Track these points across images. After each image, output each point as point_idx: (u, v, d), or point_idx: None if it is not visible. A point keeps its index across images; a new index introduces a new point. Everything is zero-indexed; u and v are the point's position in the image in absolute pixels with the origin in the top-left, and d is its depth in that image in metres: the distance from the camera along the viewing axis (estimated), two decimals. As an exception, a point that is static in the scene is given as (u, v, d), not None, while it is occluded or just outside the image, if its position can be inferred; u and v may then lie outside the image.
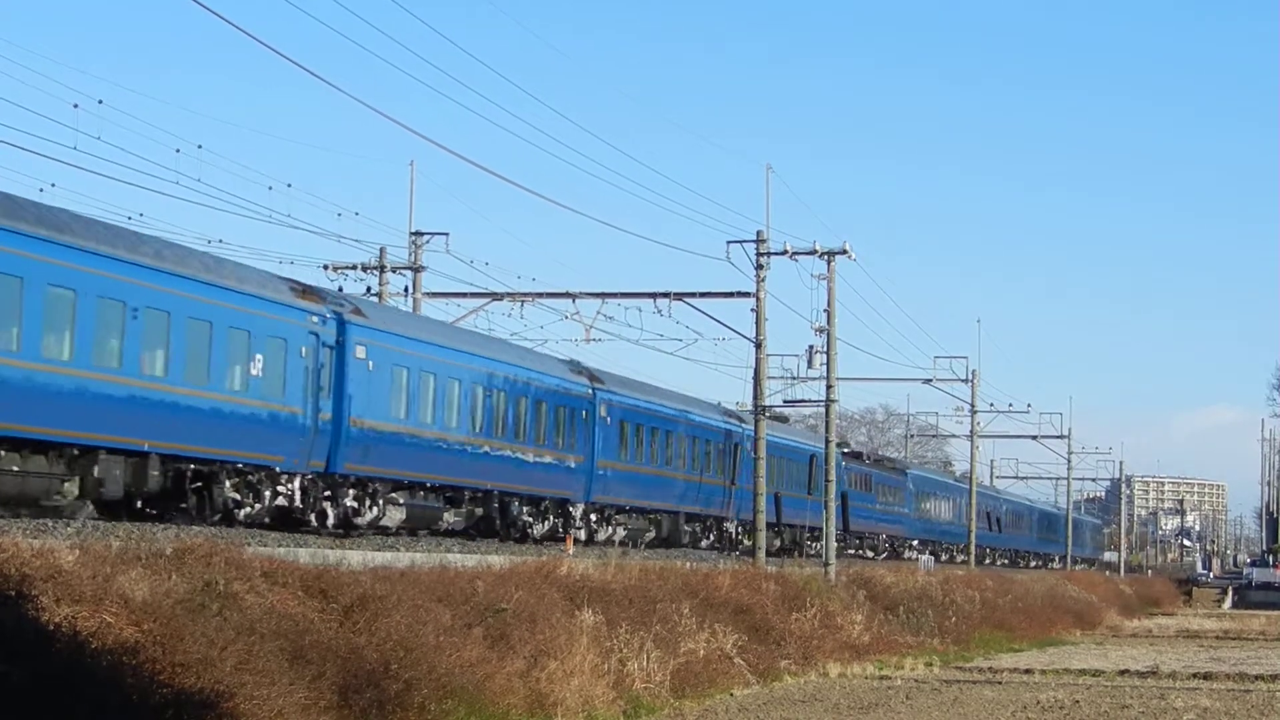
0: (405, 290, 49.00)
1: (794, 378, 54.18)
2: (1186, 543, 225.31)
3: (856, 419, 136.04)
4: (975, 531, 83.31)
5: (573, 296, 49.16)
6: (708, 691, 29.06)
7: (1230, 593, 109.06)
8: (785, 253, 47.55)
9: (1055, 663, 42.80)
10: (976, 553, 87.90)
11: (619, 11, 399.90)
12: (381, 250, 48.92)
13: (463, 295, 49.50)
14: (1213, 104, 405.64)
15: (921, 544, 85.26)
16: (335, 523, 32.42)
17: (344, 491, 32.86)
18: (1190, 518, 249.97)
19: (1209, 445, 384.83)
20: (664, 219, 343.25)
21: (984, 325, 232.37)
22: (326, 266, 48.10)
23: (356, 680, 19.13)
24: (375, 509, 33.81)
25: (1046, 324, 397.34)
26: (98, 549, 18.95)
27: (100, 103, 33.09)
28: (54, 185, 36.15)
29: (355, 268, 48.56)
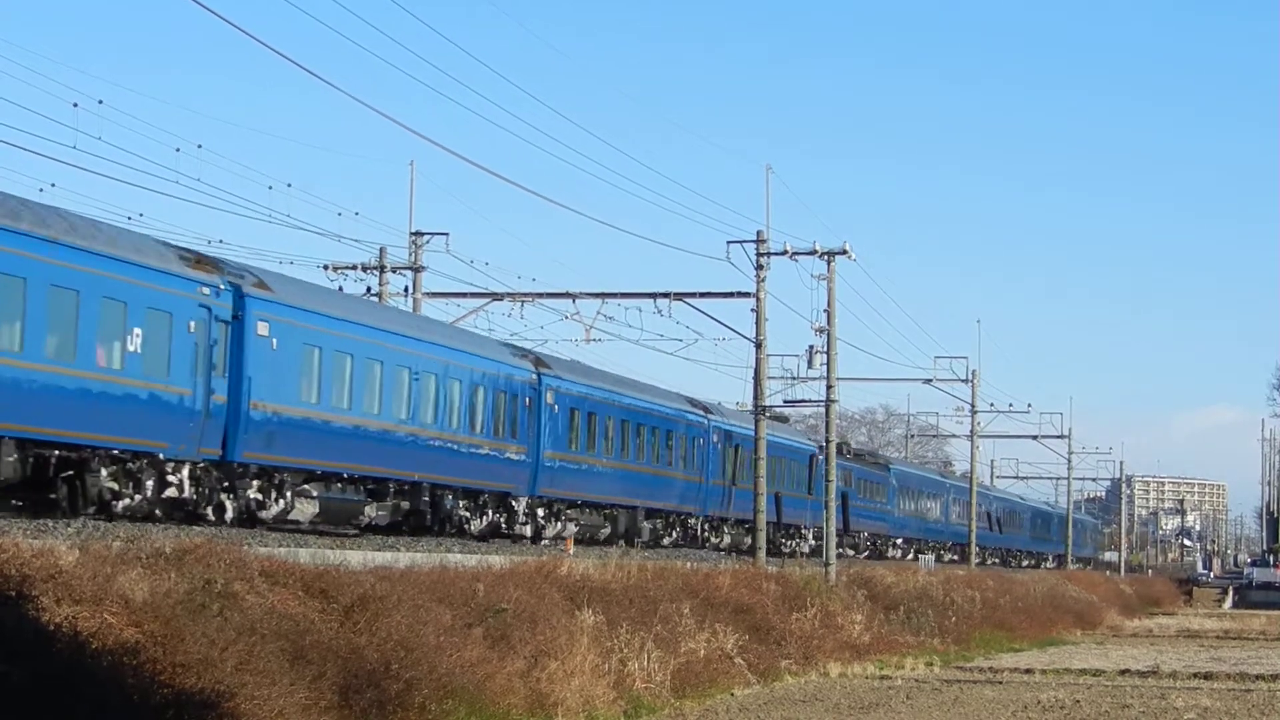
0: (405, 290, 49.02)
1: (794, 378, 54.28)
2: (1187, 543, 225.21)
3: (857, 419, 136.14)
4: (975, 531, 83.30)
5: (573, 296, 49.15)
6: (708, 691, 29.06)
7: (1231, 592, 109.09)
8: (785, 253, 47.56)
9: (1056, 662, 42.80)
10: (961, 551, 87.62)
11: (619, 12, 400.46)
12: (381, 250, 48.92)
13: (463, 295, 49.53)
14: (1213, 104, 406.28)
15: (906, 542, 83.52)
16: (235, 517, 29.55)
17: (246, 482, 30.04)
18: (1190, 518, 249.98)
19: (1209, 445, 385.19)
20: (664, 219, 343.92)
21: (984, 325, 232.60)
22: (326, 266, 48.09)
23: (357, 680, 19.14)
24: (282, 502, 30.96)
25: (1046, 324, 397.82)
26: (98, 549, 18.96)
27: (100, 103, 33.04)
28: (54, 185, 36.09)
29: (355, 268, 48.53)
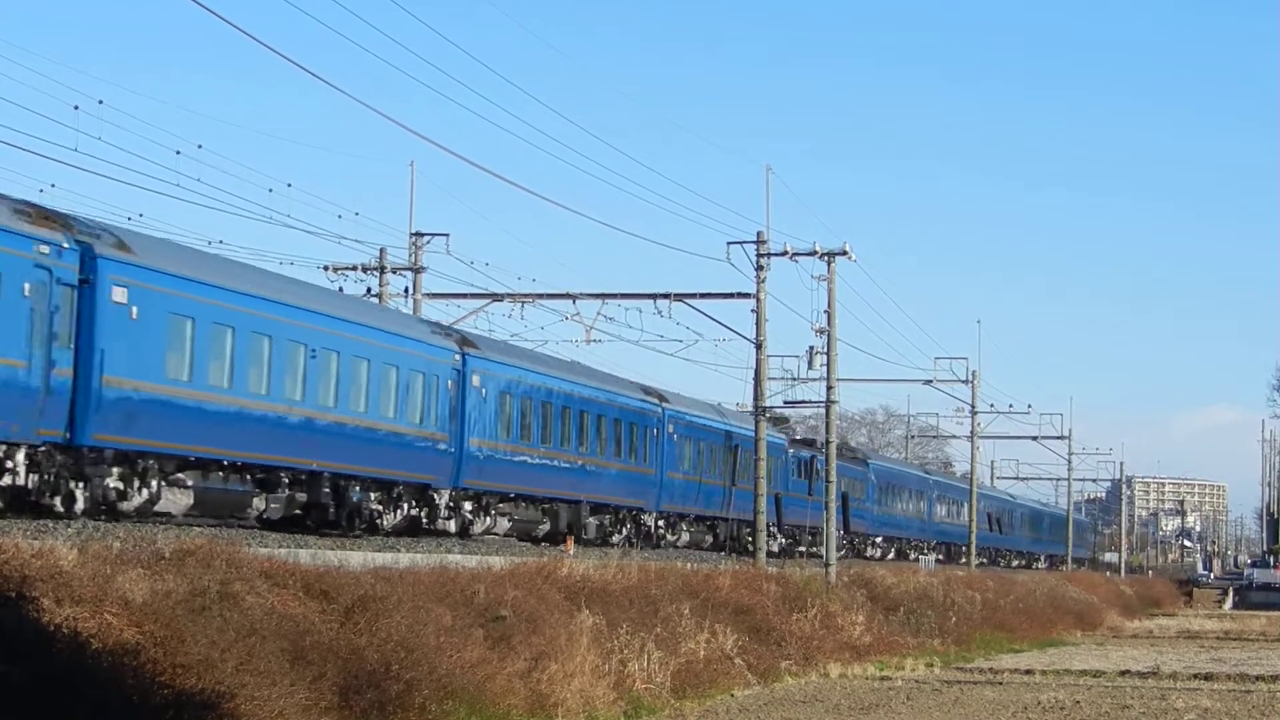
0: (405, 291, 49.05)
1: (794, 378, 54.27)
2: (1187, 543, 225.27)
3: (857, 420, 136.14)
4: (975, 532, 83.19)
5: (573, 297, 49.18)
6: (708, 692, 29.06)
7: (1231, 593, 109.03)
8: (785, 253, 47.58)
9: (1056, 663, 42.79)
10: (946, 551, 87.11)
11: (619, 12, 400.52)
12: (381, 251, 48.93)
13: (463, 296, 49.56)
14: (1213, 104, 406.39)
15: (886, 541, 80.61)
16: (87, 508, 26.24)
17: (103, 469, 26.76)
18: (1191, 518, 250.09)
19: (1209, 445, 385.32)
20: (664, 220, 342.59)
21: (984, 325, 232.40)
22: (326, 267, 48.11)
23: (357, 681, 19.14)
24: (146, 491, 27.69)
25: (1046, 324, 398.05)
26: (98, 550, 18.95)
27: (100, 103, 32.99)
28: (54, 186, 36.16)
29: (355, 268, 48.54)
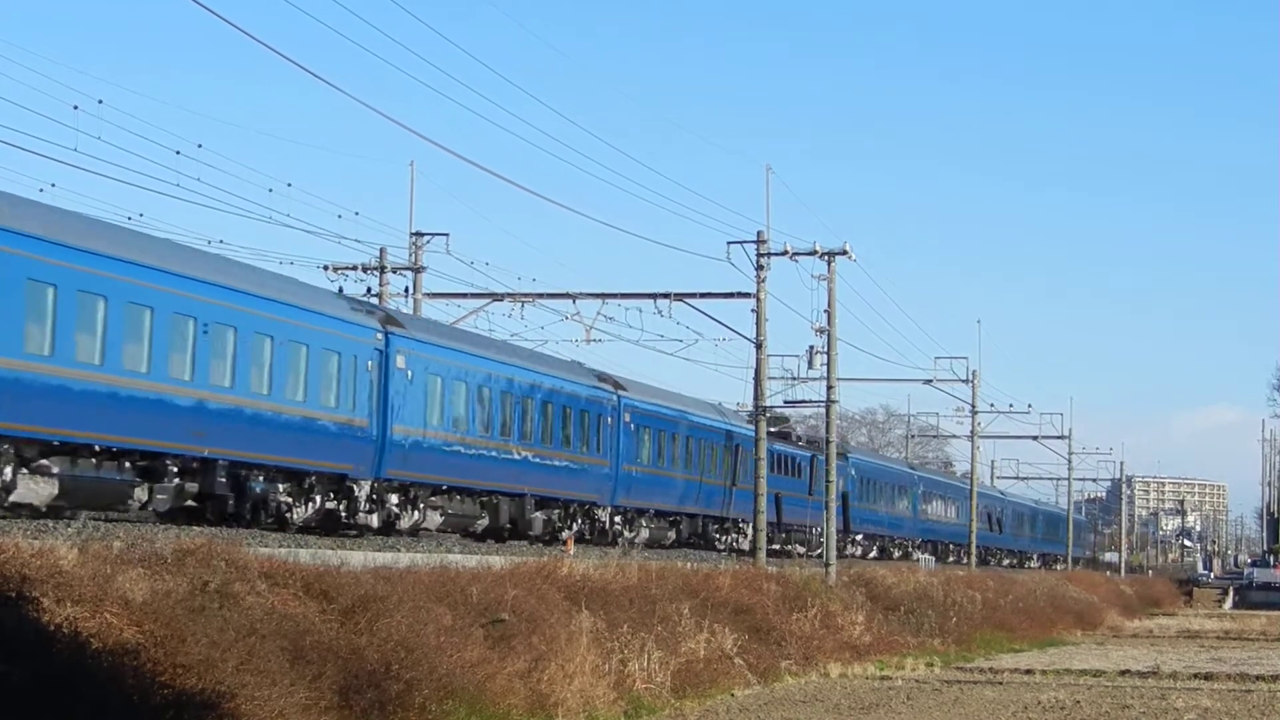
0: (405, 291, 49.05)
1: (794, 378, 54.31)
2: (1187, 543, 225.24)
3: (857, 420, 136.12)
4: (975, 532, 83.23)
5: (573, 297, 49.19)
6: (708, 692, 29.06)
7: (1231, 593, 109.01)
8: (785, 253, 47.60)
9: (1056, 663, 42.79)
10: (934, 549, 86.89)
11: (619, 12, 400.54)
12: (382, 251, 48.93)
13: (463, 296, 49.56)
14: (1213, 104, 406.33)
15: (868, 539, 77.58)
16: None
17: None
18: (1191, 518, 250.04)
19: (1209, 445, 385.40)
20: (664, 219, 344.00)
21: (984, 325, 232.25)
22: (326, 267, 48.12)
23: (357, 681, 19.13)
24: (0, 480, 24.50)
25: (1046, 324, 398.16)
26: (98, 549, 18.95)
27: (100, 103, 32.93)
28: (54, 185, 36.06)
29: (355, 268, 48.54)
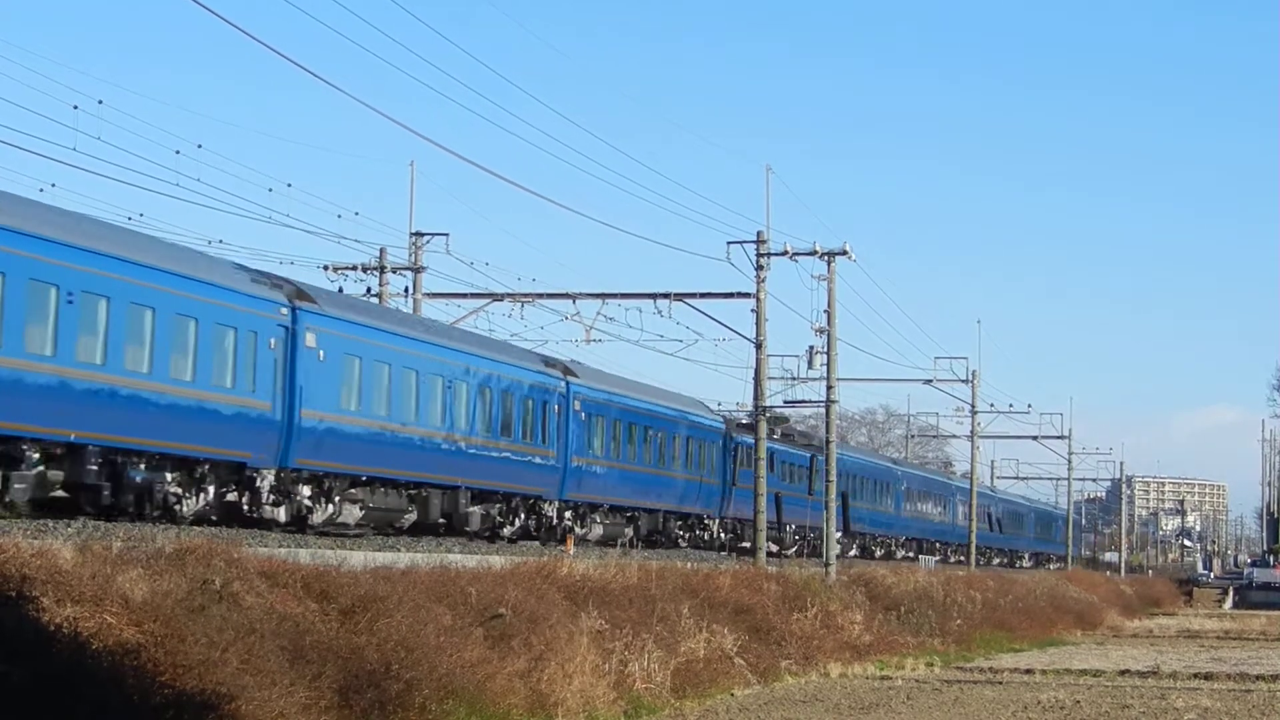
0: (405, 291, 49.08)
1: (794, 378, 54.32)
2: (1187, 543, 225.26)
3: (857, 420, 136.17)
4: (975, 532, 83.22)
5: (573, 297, 49.20)
6: (708, 692, 29.05)
7: (1231, 593, 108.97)
8: (785, 253, 47.60)
9: (1056, 663, 42.78)
10: (919, 548, 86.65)
11: (619, 12, 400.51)
12: (381, 251, 48.95)
13: (463, 296, 49.58)
14: (1213, 104, 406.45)
15: (847, 536, 74.51)
16: None
17: None
18: (1191, 518, 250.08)
19: (1209, 445, 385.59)
20: (664, 219, 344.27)
21: (984, 325, 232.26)
22: (326, 267, 48.13)
23: (357, 680, 19.13)
24: None
25: (1046, 324, 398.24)
26: (98, 549, 18.94)
27: (100, 103, 32.98)
28: (54, 185, 36.12)
29: (355, 268, 48.56)
